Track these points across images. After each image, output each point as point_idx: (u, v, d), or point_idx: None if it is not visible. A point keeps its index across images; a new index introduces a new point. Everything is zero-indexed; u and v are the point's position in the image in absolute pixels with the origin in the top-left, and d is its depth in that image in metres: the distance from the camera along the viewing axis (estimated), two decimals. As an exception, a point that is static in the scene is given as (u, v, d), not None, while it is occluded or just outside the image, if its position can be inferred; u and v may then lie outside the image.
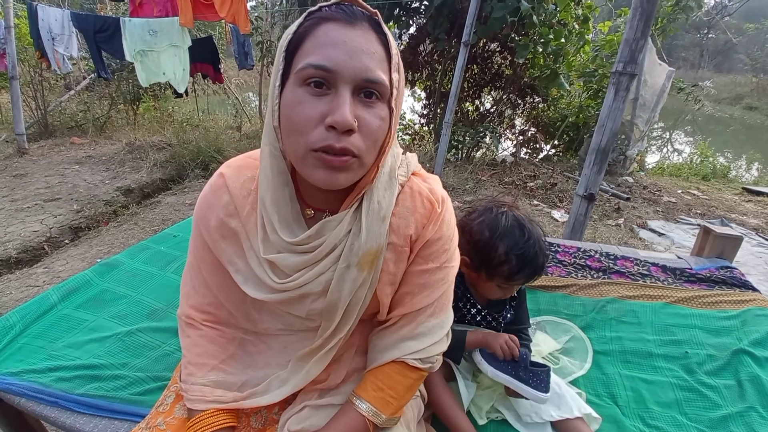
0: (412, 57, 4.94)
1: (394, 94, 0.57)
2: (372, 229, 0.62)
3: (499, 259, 0.88)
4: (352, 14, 0.54)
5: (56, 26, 4.02)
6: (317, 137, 0.52)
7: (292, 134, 0.54)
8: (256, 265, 0.65)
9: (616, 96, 1.91)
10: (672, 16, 4.58)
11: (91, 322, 1.13)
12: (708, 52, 23.76)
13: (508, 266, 0.88)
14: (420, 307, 0.69)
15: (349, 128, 0.52)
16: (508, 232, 0.89)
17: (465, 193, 3.76)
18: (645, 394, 1.03)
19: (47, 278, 2.24)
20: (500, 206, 0.95)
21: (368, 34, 0.54)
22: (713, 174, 5.72)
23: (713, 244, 1.64)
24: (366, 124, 0.54)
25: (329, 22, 0.53)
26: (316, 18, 0.54)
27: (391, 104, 0.57)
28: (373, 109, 0.55)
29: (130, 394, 0.92)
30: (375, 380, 0.68)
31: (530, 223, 0.92)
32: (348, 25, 0.53)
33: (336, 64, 0.51)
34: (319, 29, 0.53)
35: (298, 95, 0.53)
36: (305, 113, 0.53)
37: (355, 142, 0.53)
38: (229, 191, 0.67)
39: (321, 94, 0.53)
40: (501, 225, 0.90)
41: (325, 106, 0.52)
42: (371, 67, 0.53)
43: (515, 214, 0.93)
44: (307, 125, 0.53)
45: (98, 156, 4.39)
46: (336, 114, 0.51)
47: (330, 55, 0.51)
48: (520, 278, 0.90)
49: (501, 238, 0.89)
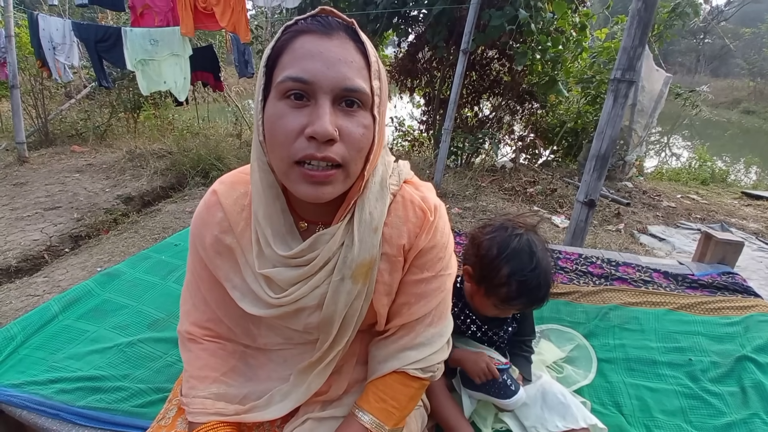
0: (411, 64, 4.97)
1: (377, 102, 0.57)
2: (364, 240, 0.62)
3: (500, 280, 0.86)
4: (327, 25, 0.54)
5: (57, 36, 4.04)
6: (298, 148, 0.53)
7: (276, 148, 0.55)
8: (252, 280, 0.65)
9: (615, 103, 1.92)
10: (669, 23, 4.62)
11: (92, 333, 1.12)
12: (704, 57, 23.92)
13: (507, 289, 0.87)
14: (418, 316, 0.69)
15: (329, 138, 0.52)
16: (515, 255, 0.86)
17: (465, 200, 3.76)
18: (650, 402, 1.03)
19: (47, 287, 2.24)
20: (517, 227, 0.92)
21: (345, 44, 0.54)
22: (712, 178, 5.73)
23: (715, 250, 1.64)
24: (348, 133, 0.54)
25: (305, 35, 0.54)
26: (293, 31, 0.55)
27: (374, 112, 0.57)
28: (356, 118, 0.55)
29: (132, 407, 0.92)
30: (377, 391, 0.68)
31: (543, 252, 0.88)
32: (324, 36, 0.53)
33: (313, 75, 0.52)
34: (296, 42, 0.54)
35: (279, 108, 0.53)
36: (286, 126, 0.53)
37: (337, 151, 0.53)
38: (222, 208, 0.67)
39: (301, 106, 0.53)
40: (510, 246, 0.87)
41: (305, 118, 0.52)
42: (350, 76, 0.53)
43: (530, 239, 0.89)
44: (288, 138, 0.53)
45: (99, 164, 4.39)
46: (315, 124, 0.51)
47: (307, 66, 0.52)
48: (517, 304, 0.89)
49: (507, 260, 0.86)
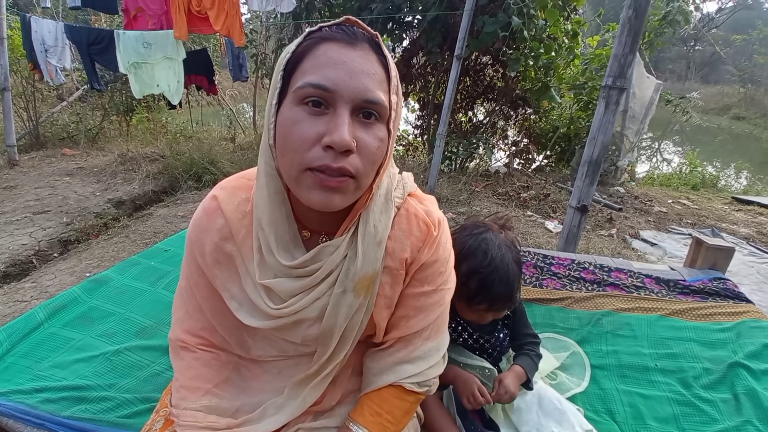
0: (405, 69, 4.99)
1: (393, 116, 0.56)
2: (368, 253, 0.61)
3: (461, 279, 0.86)
4: (352, 35, 0.54)
5: (49, 38, 4.01)
6: (313, 157, 0.51)
7: (288, 153, 0.53)
8: (251, 290, 0.64)
9: (606, 110, 1.94)
10: (659, 31, 4.69)
11: (78, 341, 1.10)
12: (695, 64, 24.29)
13: (467, 289, 0.88)
14: (416, 330, 0.68)
15: (347, 148, 0.51)
16: (471, 253, 0.89)
17: (459, 204, 3.77)
18: (642, 409, 1.02)
19: (35, 293, 2.19)
20: (478, 226, 0.95)
21: (368, 55, 0.54)
22: (703, 183, 5.80)
23: (705, 256, 1.65)
24: (365, 145, 0.53)
25: (329, 42, 0.53)
26: (316, 38, 0.54)
27: (390, 126, 0.56)
28: (372, 130, 0.54)
29: (118, 417, 0.90)
30: (372, 404, 0.67)
31: (499, 249, 0.90)
32: (348, 45, 0.53)
33: (335, 84, 0.51)
34: (319, 49, 0.53)
35: (296, 114, 0.52)
36: (302, 132, 0.52)
37: (353, 162, 0.52)
38: (223, 214, 0.65)
39: (319, 113, 0.52)
40: (466, 245, 0.91)
41: (323, 126, 0.51)
42: (371, 88, 0.52)
43: (487, 237, 0.91)
44: (303, 144, 0.52)
45: (90, 167, 4.34)
46: (334, 134, 0.50)
47: (329, 74, 0.51)
48: (479, 303, 0.89)
49: (464, 258, 0.89)
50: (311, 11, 4.81)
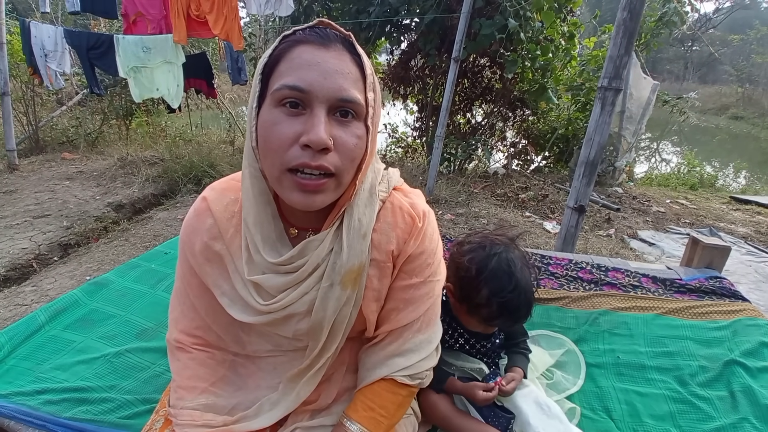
0: (403, 72, 5.01)
1: (371, 113, 0.58)
2: (353, 246, 0.62)
3: (480, 300, 0.85)
4: (325, 36, 0.55)
5: (49, 43, 4.02)
6: (292, 156, 0.53)
7: (269, 154, 0.55)
8: (241, 287, 0.65)
9: (602, 110, 1.95)
10: (656, 31, 4.71)
11: (79, 343, 1.11)
12: (692, 64, 24.36)
13: (488, 310, 0.85)
14: (406, 322, 0.69)
15: (324, 146, 0.52)
16: (494, 276, 0.85)
17: (457, 206, 3.78)
18: (639, 407, 1.03)
19: (35, 297, 2.20)
20: (495, 244, 0.89)
21: (342, 55, 0.56)
22: (701, 183, 5.82)
23: (702, 255, 1.66)
24: (343, 143, 0.55)
25: (303, 45, 0.55)
26: (291, 41, 0.56)
27: (368, 123, 0.58)
28: (350, 128, 0.56)
29: (118, 418, 0.91)
30: (365, 400, 0.68)
31: (522, 270, 0.86)
32: (321, 46, 0.55)
33: (310, 85, 0.53)
34: (294, 51, 0.55)
35: (274, 116, 0.54)
36: (281, 133, 0.53)
37: (331, 160, 0.54)
38: (212, 214, 0.67)
39: (296, 114, 0.54)
40: (489, 267, 0.85)
41: (300, 126, 0.53)
42: (345, 87, 0.54)
43: (509, 257, 0.87)
44: (282, 144, 0.54)
45: (89, 171, 4.35)
46: (311, 133, 0.52)
47: (304, 76, 0.53)
48: (499, 323, 0.88)
49: (486, 282, 0.85)
50: (309, 15, 4.84)
